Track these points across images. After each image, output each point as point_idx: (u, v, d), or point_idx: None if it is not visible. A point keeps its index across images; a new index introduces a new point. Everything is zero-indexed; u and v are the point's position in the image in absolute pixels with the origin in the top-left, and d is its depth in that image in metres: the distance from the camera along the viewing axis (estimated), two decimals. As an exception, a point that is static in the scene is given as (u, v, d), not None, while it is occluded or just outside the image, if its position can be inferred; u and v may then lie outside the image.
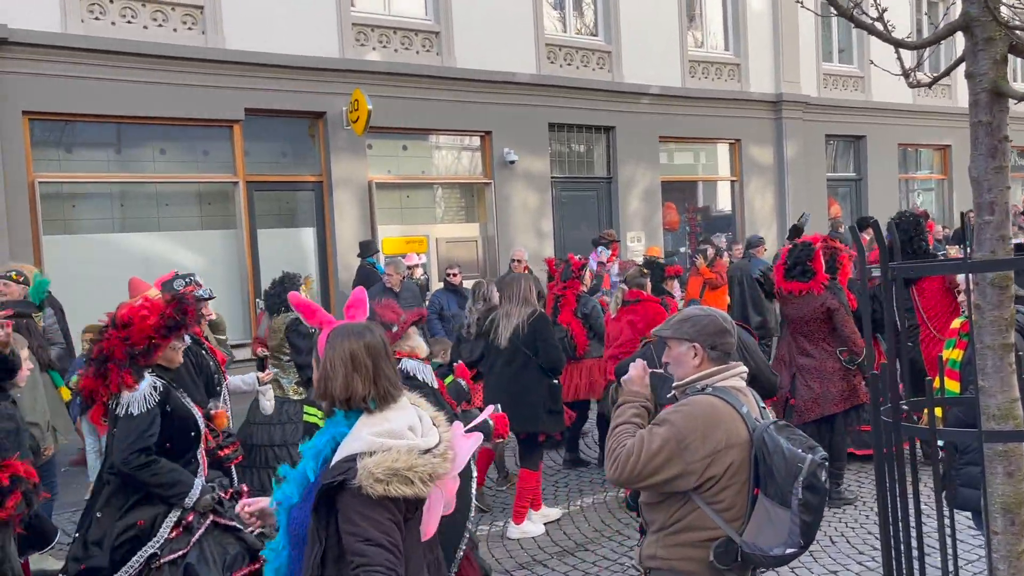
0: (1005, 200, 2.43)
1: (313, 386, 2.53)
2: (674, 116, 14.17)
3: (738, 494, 2.73)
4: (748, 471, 2.72)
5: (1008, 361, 2.44)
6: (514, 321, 5.71)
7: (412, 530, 2.40)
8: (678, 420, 2.74)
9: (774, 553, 2.65)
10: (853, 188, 17.64)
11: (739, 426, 2.74)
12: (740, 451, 2.72)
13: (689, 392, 2.87)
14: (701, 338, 2.87)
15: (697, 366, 2.88)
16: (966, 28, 2.40)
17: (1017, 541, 2.42)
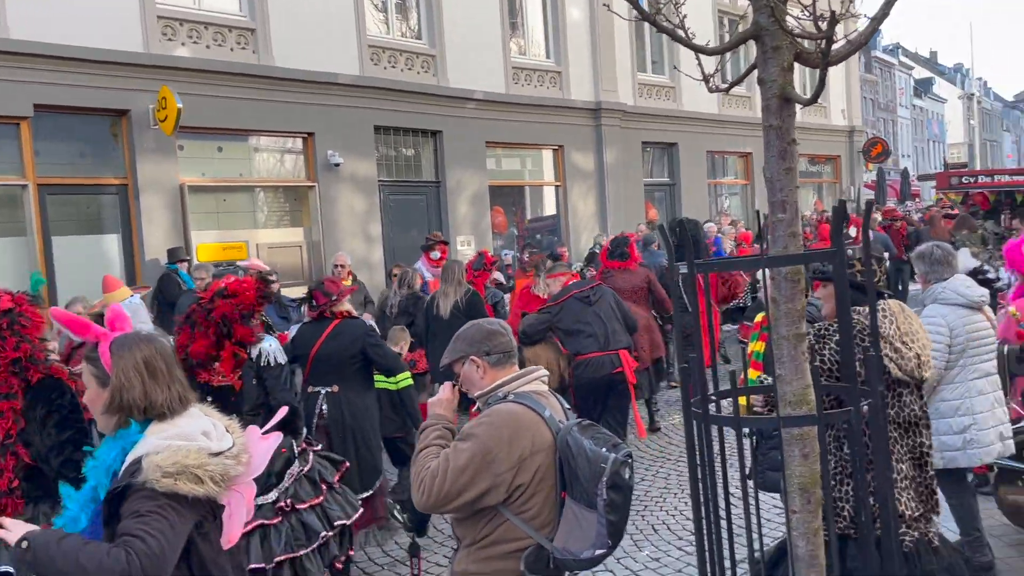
0: (795, 199, 2.60)
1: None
2: (500, 122, 14.38)
3: (546, 500, 2.73)
4: (555, 476, 2.72)
5: (801, 350, 2.60)
6: (452, 298, 7.25)
7: (212, 540, 2.28)
8: (482, 432, 2.70)
9: (584, 556, 2.65)
10: (668, 193, 18.67)
11: (543, 430, 2.73)
12: (546, 456, 2.71)
13: (491, 402, 2.84)
14: (472, 349, 2.86)
15: (483, 377, 2.86)
16: (757, 37, 2.54)
17: (813, 518, 2.59)
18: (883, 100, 46.87)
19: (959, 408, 4.47)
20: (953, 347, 4.46)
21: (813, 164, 24.15)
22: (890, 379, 3.24)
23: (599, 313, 6.51)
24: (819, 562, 2.58)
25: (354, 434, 5.31)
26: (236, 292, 4.23)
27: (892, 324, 3.30)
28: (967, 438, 4.44)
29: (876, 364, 2.56)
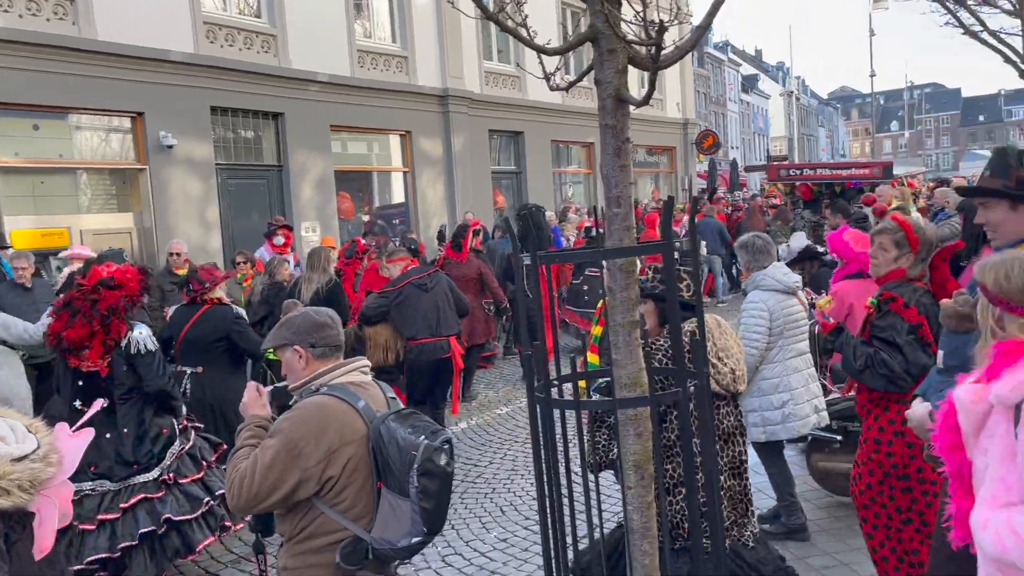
0: (629, 195, 2.75)
1: None
2: (345, 105, 14.11)
3: (361, 491, 2.73)
4: (369, 466, 2.72)
5: (635, 336, 2.77)
6: (314, 285, 7.24)
7: (21, 552, 2.10)
8: (287, 427, 2.70)
9: (401, 545, 2.66)
10: (515, 180, 19.00)
11: (355, 422, 2.73)
12: (357, 447, 2.71)
13: (304, 395, 2.83)
14: (298, 339, 2.85)
15: (304, 367, 2.85)
16: (593, 39, 2.66)
17: (647, 493, 2.77)
18: (714, 94, 49.70)
19: (778, 385, 4.87)
20: (772, 329, 4.85)
21: (651, 155, 25.31)
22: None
23: (435, 300, 6.90)
24: (652, 533, 2.77)
25: (215, 413, 5.64)
26: (122, 282, 4.48)
27: (709, 341, 3.42)
28: (786, 412, 4.85)
29: (702, 347, 2.77)
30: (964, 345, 2.77)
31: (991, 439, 2.14)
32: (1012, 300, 2.15)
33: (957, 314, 2.83)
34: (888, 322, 3.57)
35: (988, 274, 2.21)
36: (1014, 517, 2.02)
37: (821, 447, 5.34)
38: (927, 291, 3.67)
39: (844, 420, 5.19)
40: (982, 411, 2.15)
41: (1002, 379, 2.09)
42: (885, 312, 3.59)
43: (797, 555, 4.64)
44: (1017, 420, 2.05)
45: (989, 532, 2.07)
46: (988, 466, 2.15)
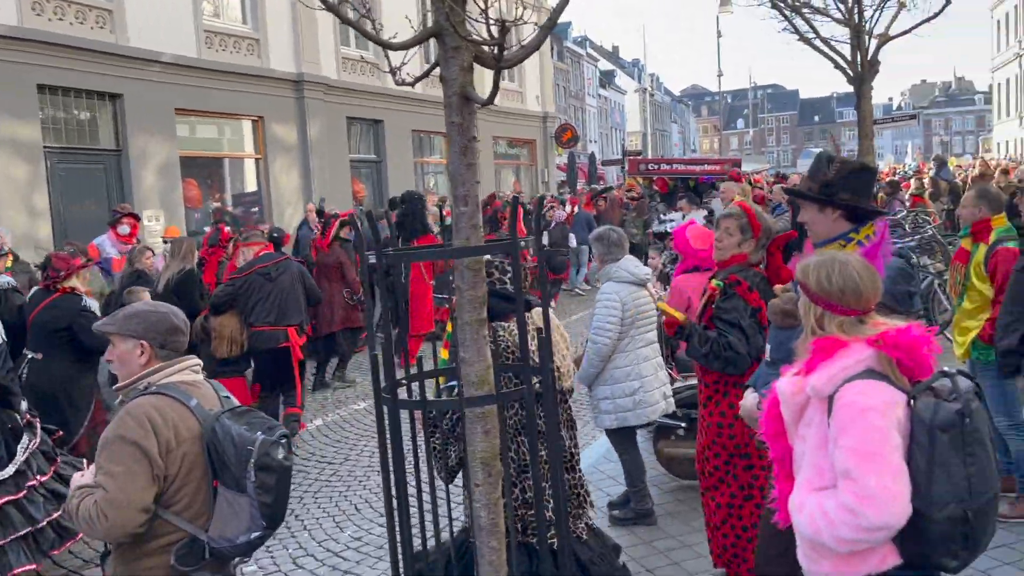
0: (476, 193, 2.74)
1: None
2: (191, 88, 13.38)
3: (197, 490, 2.71)
4: (204, 465, 2.70)
5: (482, 334, 2.77)
6: (168, 273, 7.29)
7: None
8: (122, 432, 2.62)
9: (240, 541, 2.66)
10: (374, 169, 18.68)
11: (188, 420, 2.70)
12: (192, 445, 2.69)
13: (131, 395, 2.76)
14: (150, 336, 2.77)
15: (144, 364, 2.78)
16: (438, 35, 2.63)
17: (494, 490, 2.78)
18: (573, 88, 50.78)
19: (629, 373, 5.03)
20: (624, 320, 5.01)
21: (512, 147, 25.58)
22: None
23: (280, 288, 6.98)
24: (499, 530, 2.79)
25: (50, 401, 5.53)
26: None
27: (534, 340, 3.35)
28: (637, 399, 5.01)
29: (547, 344, 2.81)
30: (788, 339, 2.95)
31: (808, 428, 2.30)
32: (831, 299, 2.29)
33: (782, 310, 3.01)
34: (732, 304, 3.74)
35: (811, 275, 2.34)
36: (824, 500, 2.18)
37: (667, 434, 5.57)
38: (764, 277, 3.90)
39: (688, 408, 5.43)
40: (801, 402, 2.31)
41: (817, 372, 2.25)
42: (731, 295, 3.76)
43: (644, 539, 4.82)
44: (830, 411, 2.20)
45: (804, 514, 2.23)
46: (805, 453, 2.31)
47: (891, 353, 2.20)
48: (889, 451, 2.10)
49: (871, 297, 2.29)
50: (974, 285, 4.64)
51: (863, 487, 2.07)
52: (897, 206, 12.62)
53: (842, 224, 3.08)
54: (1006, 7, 41.35)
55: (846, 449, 2.12)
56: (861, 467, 2.09)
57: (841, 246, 3.03)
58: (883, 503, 2.06)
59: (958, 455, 2.09)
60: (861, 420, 2.12)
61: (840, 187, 3.07)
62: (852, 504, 2.09)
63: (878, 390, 2.16)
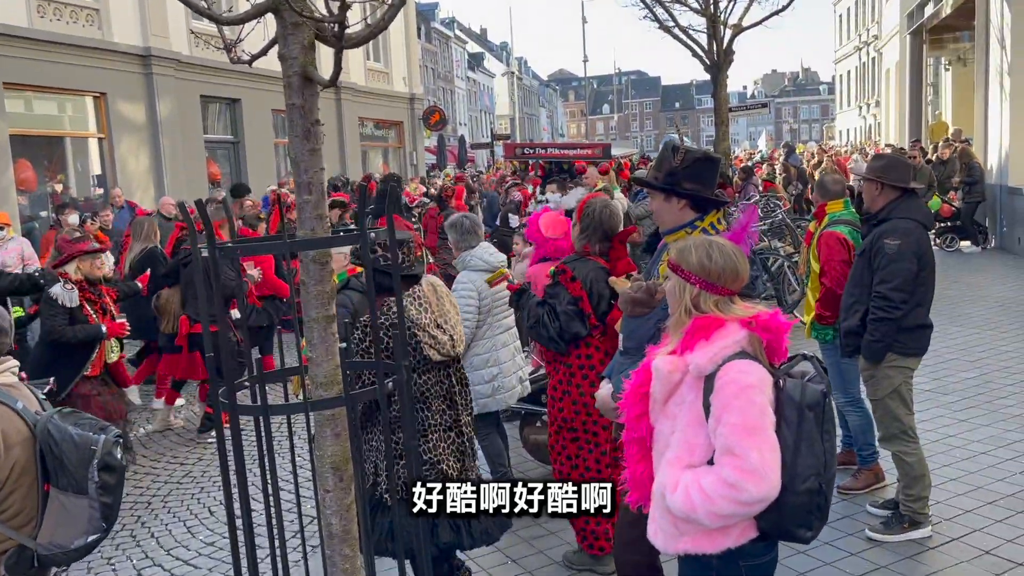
0: (321, 180, 2.57)
1: None
2: (21, 60, 12.26)
3: (27, 496, 2.58)
4: (36, 469, 2.58)
5: (331, 331, 2.61)
6: (132, 253, 7.63)
7: None
8: None
9: (75, 546, 2.60)
10: (232, 150, 17.83)
11: (16, 423, 2.58)
12: (23, 449, 2.57)
13: None
14: None
15: None
16: (276, 11, 2.43)
17: (346, 495, 2.64)
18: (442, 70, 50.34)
19: (488, 360, 4.98)
20: (481, 308, 4.94)
21: (379, 128, 25.06)
22: (431, 362, 3.49)
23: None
24: (352, 536, 2.65)
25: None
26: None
27: (427, 312, 3.50)
28: (495, 385, 4.98)
29: (402, 339, 2.68)
30: (639, 328, 2.96)
31: (680, 406, 2.32)
32: (711, 278, 2.32)
33: (632, 299, 3.01)
34: (555, 291, 3.97)
35: (690, 255, 2.36)
36: (702, 476, 2.20)
37: (532, 420, 5.57)
38: (601, 267, 4.00)
39: (553, 393, 5.45)
40: (676, 380, 2.32)
41: (698, 351, 2.27)
42: (555, 283, 3.99)
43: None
44: (709, 390, 2.23)
45: (678, 491, 2.23)
46: (675, 431, 2.32)
47: (762, 335, 2.28)
48: (768, 426, 2.17)
49: (744, 278, 2.35)
50: (811, 265, 4.91)
51: (746, 461, 2.12)
52: (752, 191, 13.21)
53: (688, 213, 3.11)
54: (847, 3, 44.12)
55: (729, 425, 2.16)
56: (744, 442, 2.13)
57: (687, 234, 3.06)
58: (763, 477, 2.12)
59: (819, 431, 2.19)
60: (744, 397, 2.17)
61: (684, 176, 3.10)
62: (734, 479, 2.12)
63: (757, 369, 2.23)
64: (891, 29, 27.31)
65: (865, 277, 4.15)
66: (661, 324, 2.85)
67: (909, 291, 4.05)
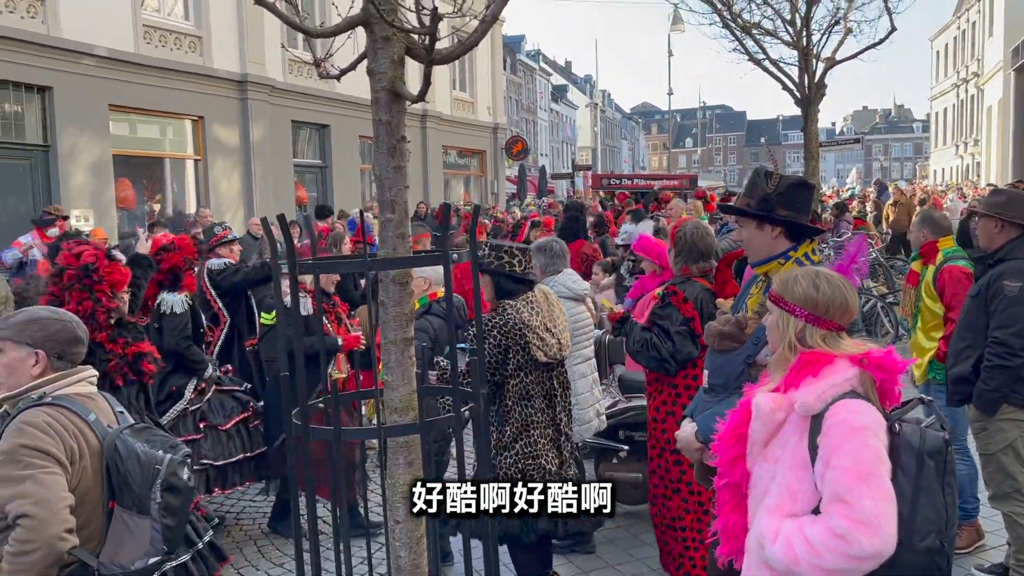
0: (404, 199, 2.50)
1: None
2: (127, 84, 12.85)
3: (92, 512, 2.50)
4: (102, 484, 2.51)
5: (408, 355, 2.52)
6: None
7: None
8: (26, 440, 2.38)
9: (135, 568, 2.49)
10: (319, 175, 18.26)
11: (88, 435, 2.51)
12: (91, 462, 2.50)
13: (22, 404, 2.50)
14: (49, 345, 2.56)
15: (38, 375, 2.56)
16: (366, 24, 2.39)
17: (417, 528, 2.53)
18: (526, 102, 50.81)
19: (566, 390, 4.84)
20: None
21: (462, 157, 25.34)
22: (537, 363, 3.73)
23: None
24: (421, 571, 2.53)
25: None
26: (181, 246, 5.01)
27: (538, 315, 3.75)
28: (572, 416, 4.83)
29: (479, 369, 2.57)
30: (727, 364, 2.77)
31: (783, 448, 2.12)
32: (818, 311, 2.14)
33: (719, 332, 2.82)
34: (666, 312, 3.92)
35: (795, 286, 2.18)
36: (807, 526, 1.99)
37: (608, 456, 5.37)
38: (707, 288, 3.98)
39: (631, 430, 5.25)
40: (779, 420, 2.13)
41: (804, 388, 2.08)
42: (666, 304, 3.94)
43: (582, 568, 4.60)
44: (816, 431, 2.03)
45: (780, 542, 2.03)
46: (776, 476, 2.12)
47: (875, 374, 2.08)
48: (883, 472, 1.95)
49: (854, 311, 2.16)
50: (926, 305, 4.61)
51: (858, 511, 1.90)
52: (844, 228, 12.76)
53: (781, 242, 2.91)
54: (945, 38, 42.73)
55: (840, 469, 1.95)
56: (856, 489, 1.92)
57: (779, 264, 2.87)
58: (877, 529, 1.89)
59: (939, 483, 1.97)
60: (856, 439, 1.96)
61: (778, 203, 2.91)
62: (844, 529, 1.90)
63: (870, 410, 2.02)
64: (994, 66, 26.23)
65: (979, 320, 3.83)
66: (750, 360, 2.67)
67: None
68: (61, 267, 3.96)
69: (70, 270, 3.89)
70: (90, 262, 3.84)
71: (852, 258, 2.62)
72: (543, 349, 3.72)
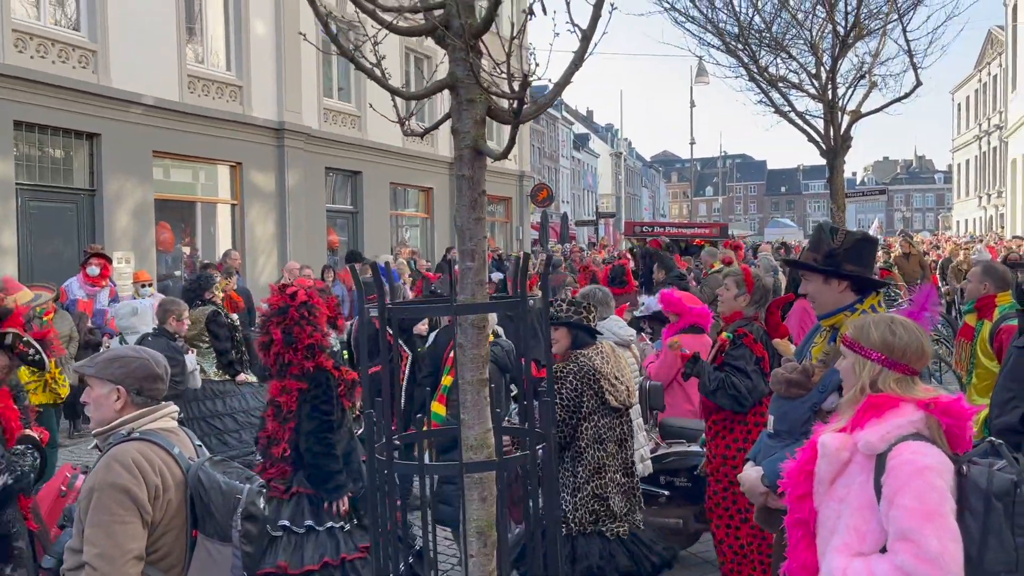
0: (483, 248, 2.67)
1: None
2: (171, 131, 13.28)
3: (177, 539, 2.66)
4: (186, 513, 2.67)
5: (483, 395, 2.67)
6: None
7: None
8: (110, 478, 2.55)
9: None
10: (350, 220, 18.60)
11: (172, 467, 2.68)
12: (176, 492, 2.67)
13: (112, 440, 2.69)
14: (128, 382, 2.73)
15: (119, 410, 2.72)
16: (452, 87, 2.58)
17: (489, 561, 2.64)
18: (548, 150, 51.51)
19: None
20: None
21: (489, 204, 25.69)
22: (609, 408, 3.94)
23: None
24: (494, 603, 2.64)
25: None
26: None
27: (608, 363, 3.99)
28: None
29: (550, 410, 2.70)
30: (792, 411, 2.88)
31: (849, 488, 2.20)
32: (894, 355, 2.24)
33: (787, 379, 2.94)
34: (740, 352, 4.18)
35: (871, 331, 2.29)
36: (874, 565, 2.06)
37: (649, 502, 5.43)
38: (765, 331, 4.25)
39: (671, 475, 5.32)
40: (845, 459, 2.21)
41: (868, 428, 2.17)
42: (739, 344, 4.19)
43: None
44: (881, 471, 2.12)
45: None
46: (842, 515, 2.19)
47: (942, 419, 2.17)
48: (948, 511, 2.03)
49: (929, 356, 2.28)
50: (981, 363, 4.62)
51: (924, 549, 1.98)
52: (870, 278, 12.79)
53: (848, 295, 3.04)
54: (966, 91, 43.01)
55: (904, 508, 2.03)
56: (921, 528, 2.00)
57: (846, 317, 2.99)
58: (943, 568, 1.97)
59: (1009, 524, 2.04)
60: (920, 479, 2.05)
61: (845, 258, 3.05)
62: (911, 567, 1.98)
63: (934, 451, 2.11)
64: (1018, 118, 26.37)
65: (1027, 371, 3.90)
66: (816, 408, 2.78)
67: None
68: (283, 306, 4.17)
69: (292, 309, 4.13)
70: (305, 299, 4.12)
71: (923, 305, 2.74)
72: (614, 395, 3.96)
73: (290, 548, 3.90)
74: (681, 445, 5.40)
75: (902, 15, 13.99)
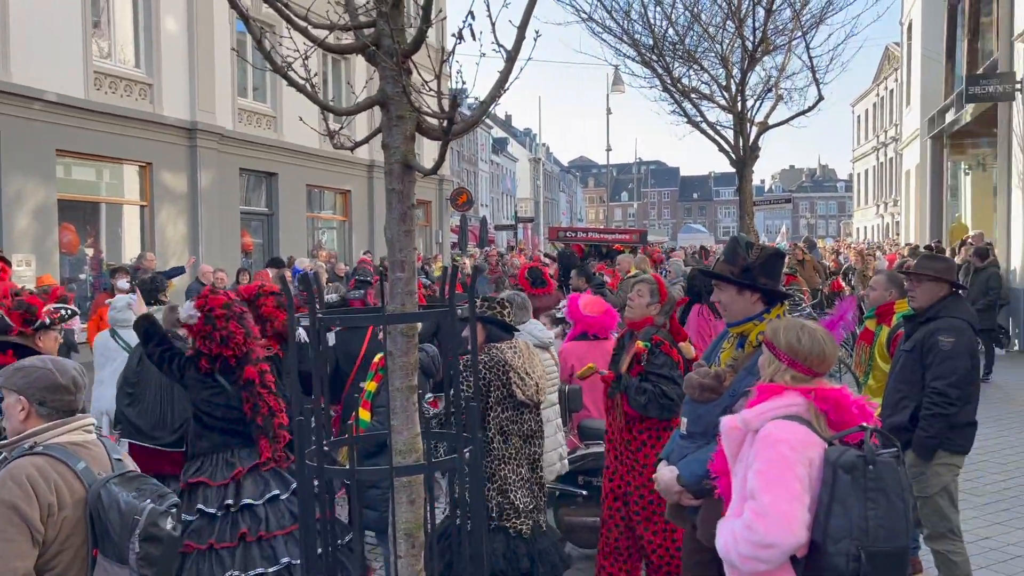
0: (413, 259, 2.75)
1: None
2: (75, 129, 12.79)
3: (75, 559, 2.58)
4: (85, 532, 2.58)
5: (412, 401, 2.75)
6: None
7: None
8: (4, 496, 2.47)
9: None
10: (265, 222, 18.28)
11: (72, 483, 2.58)
12: (74, 510, 2.57)
13: (15, 454, 2.61)
14: (29, 392, 2.64)
15: (23, 421, 2.65)
16: (383, 104, 2.66)
17: (417, 561, 2.73)
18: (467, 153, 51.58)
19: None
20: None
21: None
22: (515, 401, 4.06)
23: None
24: (422, 603, 2.72)
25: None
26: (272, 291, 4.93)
27: (520, 358, 4.14)
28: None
29: (475, 413, 2.81)
30: (707, 413, 3.07)
31: (742, 463, 2.53)
32: (797, 358, 2.54)
33: (700, 384, 3.13)
34: (663, 360, 4.26)
35: (782, 335, 2.59)
36: (733, 521, 2.42)
37: (567, 501, 5.60)
38: (670, 335, 4.39)
39: (588, 475, 5.49)
40: (738, 438, 2.54)
41: (751, 409, 2.51)
42: (658, 353, 4.26)
43: (546, 609, 4.77)
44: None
45: (720, 537, 2.48)
46: (735, 485, 2.55)
47: (819, 405, 2.46)
48: (790, 478, 2.33)
49: (830, 363, 2.55)
50: (878, 365, 4.93)
51: (759, 504, 2.31)
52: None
53: (759, 306, 3.27)
54: (865, 104, 45.19)
55: (755, 472, 2.37)
56: (761, 488, 2.33)
57: (754, 325, 3.20)
58: (774, 520, 2.28)
59: (858, 497, 2.30)
60: (772, 450, 2.37)
61: (760, 272, 3.27)
62: (749, 520, 2.32)
63: (794, 429, 2.41)
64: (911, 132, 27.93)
65: (914, 374, 4.22)
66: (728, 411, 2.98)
67: (964, 388, 4.13)
68: (257, 293, 4.45)
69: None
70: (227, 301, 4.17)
71: (841, 316, 3.01)
72: (521, 388, 4.09)
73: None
74: (598, 446, 5.58)
75: (805, 32, 14.70)
